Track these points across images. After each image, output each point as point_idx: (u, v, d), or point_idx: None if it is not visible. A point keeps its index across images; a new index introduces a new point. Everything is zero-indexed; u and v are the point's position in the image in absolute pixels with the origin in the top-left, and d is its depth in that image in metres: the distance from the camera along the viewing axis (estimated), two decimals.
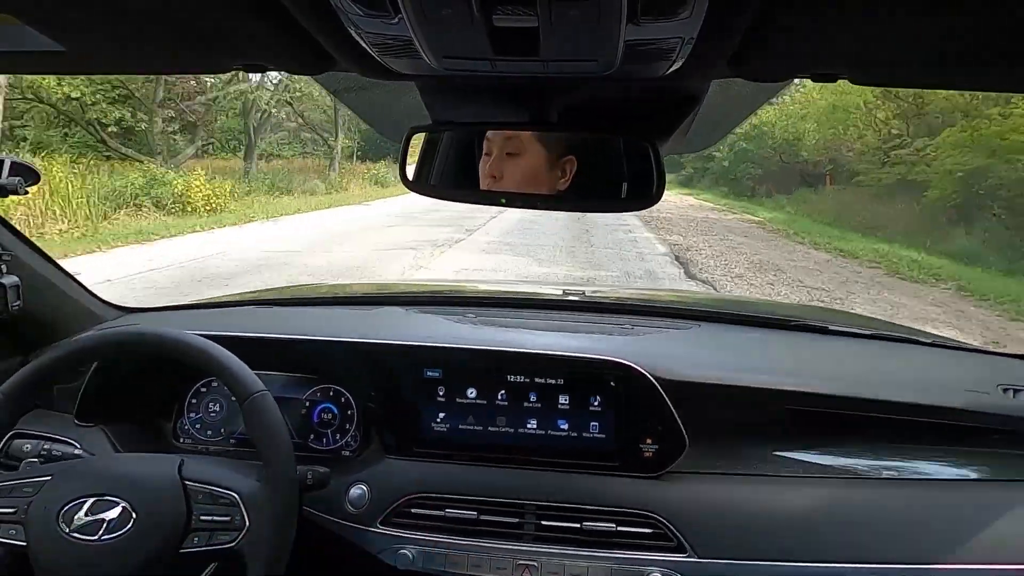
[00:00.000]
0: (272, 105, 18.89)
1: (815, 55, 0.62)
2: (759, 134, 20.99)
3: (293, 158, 23.41)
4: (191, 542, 0.88)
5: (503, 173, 0.91)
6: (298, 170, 20.84)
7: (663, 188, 0.86)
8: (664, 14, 0.47)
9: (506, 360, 1.13)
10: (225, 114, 21.06)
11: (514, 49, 0.52)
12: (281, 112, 20.90)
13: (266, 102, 18.55)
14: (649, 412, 1.08)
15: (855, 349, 1.36)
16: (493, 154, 0.92)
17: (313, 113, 22.56)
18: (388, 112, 1.06)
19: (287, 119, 22.23)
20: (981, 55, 0.57)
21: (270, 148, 23.59)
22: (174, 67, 0.77)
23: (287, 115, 21.71)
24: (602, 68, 0.58)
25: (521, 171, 0.91)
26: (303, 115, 22.04)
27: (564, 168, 0.91)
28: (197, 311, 1.53)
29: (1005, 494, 1.07)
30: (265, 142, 23.30)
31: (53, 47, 0.61)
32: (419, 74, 0.69)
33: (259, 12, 0.55)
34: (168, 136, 17.43)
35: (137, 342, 1.01)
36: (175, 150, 17.44)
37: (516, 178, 0.91)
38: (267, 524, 0.88)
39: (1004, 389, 1.14)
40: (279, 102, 19.58)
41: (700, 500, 1.05)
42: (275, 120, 21.43)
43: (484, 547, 1.04)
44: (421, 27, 0.49)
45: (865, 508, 1.05)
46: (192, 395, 1.25)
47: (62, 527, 0.85)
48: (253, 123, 19.00)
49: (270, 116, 20.00)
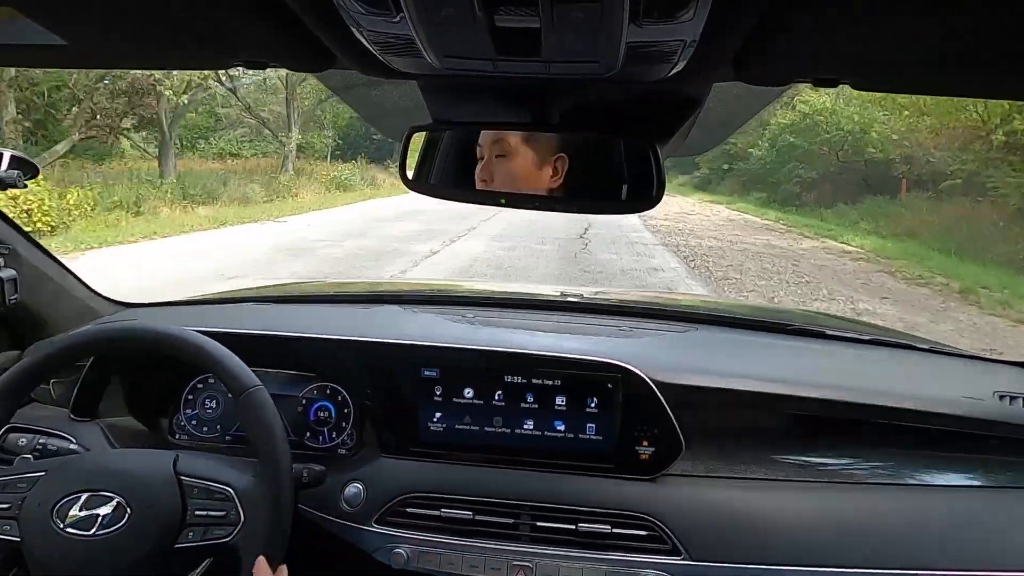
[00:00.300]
0: (183, 94, 14.91)
1: (817, 59, 0.62)
2: (810, 125, 16.42)
3: (253, 157, 21.41)
4: (186, 537, 0.87)
5: (494, 175, 0.92)
6: (250, 171, 18.13)
7: (663, 191, 0.86)
8: (666, 16, 0.47)
9: (503, 360, 1.13)
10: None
11: (516, 49, 0.52)
12: (231, 105, 18.81)
13: (180, 91, 14.63)
14: (646, 415, 1.08)
15: (853, 354, 1.36)
16: (484, 157, 0.93)
17: (278, 107, 20.39)
18: (389, 111, 1.06)
19: (244, 114, 20.10)
20: (985, 60, 0.57)
21: (229, 146, 21.99)
22: (175, 62, 0.77)
23: (238, 109, 19.49)
24: (604, 69, 0.58)
25: (510, 172, 0.92)
26: (251, 107, 19.90)
27: (555, 166, 0.91)
28: (195, 307, 1.53)
29: (1001, 501, 1.07)
30: (224, 140, 21.73)
31: (54, 41, 0.61)
32: (420, 73, 0.69)
33: (261, 9, 0.55)
34: (21, 127, 13.22)
35: (133, 337, 1.01)
36: (51, 142, 13.53)
37: (506, 179, 0.92)
38: (263, 518, 0.88)
39: (1001, 396, 1.14)
40: (214, 96, 17.17)
41: (696, 503, 1.05)
42: (236, 117, 19.63)
43: (479, 547, 1.04)
44: (423, 26, 0.49)
45: (861, 513, 1.05)
46: (188, 391, 1.25)
47: (56, 523, 0.85)
48: (166, 115, 15.45)
49: (187, 107, 16.86)
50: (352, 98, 1.06)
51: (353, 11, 0.49)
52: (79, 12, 0.57)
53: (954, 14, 0.49)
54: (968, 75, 0.63)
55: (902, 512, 1.05)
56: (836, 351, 1.36)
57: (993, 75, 0.62)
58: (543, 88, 0.80)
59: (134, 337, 1.01)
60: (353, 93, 1.01)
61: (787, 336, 1.43)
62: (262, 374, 0.98)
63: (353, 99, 1.07)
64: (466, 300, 1.66)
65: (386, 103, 1.02)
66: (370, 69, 0.67)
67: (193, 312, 1.49)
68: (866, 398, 1.12)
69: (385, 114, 1.11)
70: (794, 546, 1.01)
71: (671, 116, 0.90)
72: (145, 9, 0.57)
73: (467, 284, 5.21)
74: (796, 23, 0.53)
